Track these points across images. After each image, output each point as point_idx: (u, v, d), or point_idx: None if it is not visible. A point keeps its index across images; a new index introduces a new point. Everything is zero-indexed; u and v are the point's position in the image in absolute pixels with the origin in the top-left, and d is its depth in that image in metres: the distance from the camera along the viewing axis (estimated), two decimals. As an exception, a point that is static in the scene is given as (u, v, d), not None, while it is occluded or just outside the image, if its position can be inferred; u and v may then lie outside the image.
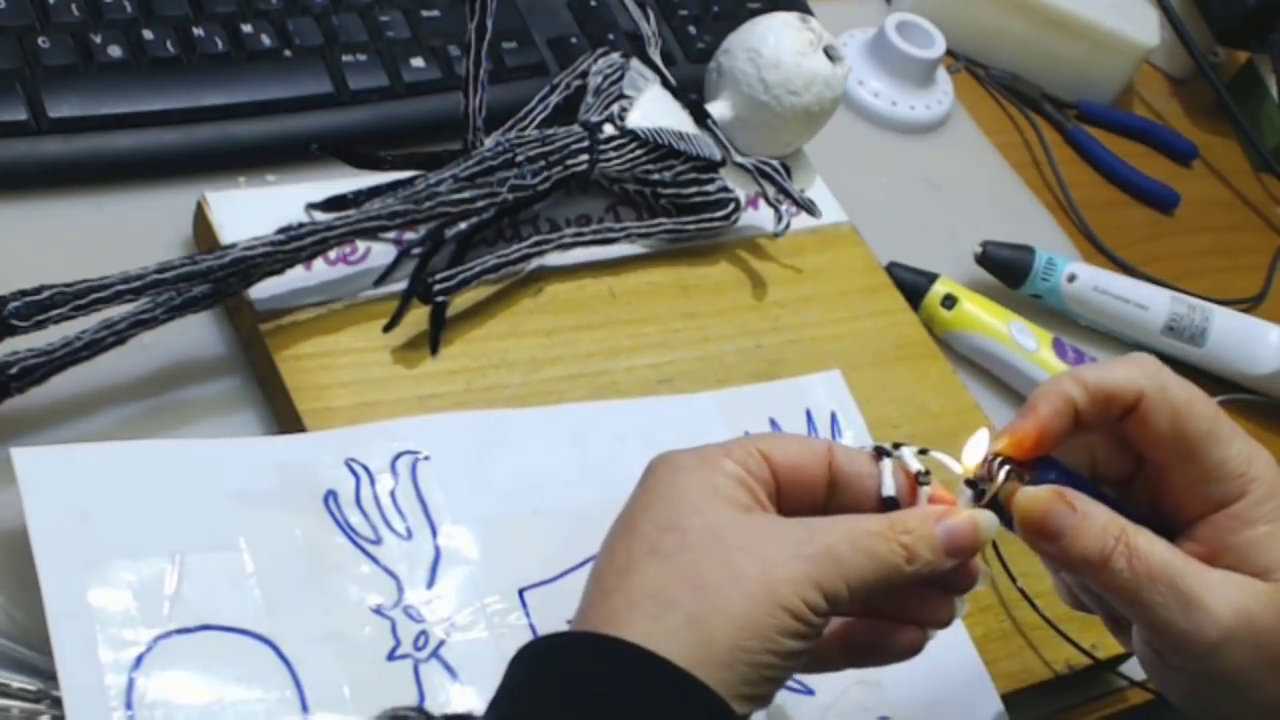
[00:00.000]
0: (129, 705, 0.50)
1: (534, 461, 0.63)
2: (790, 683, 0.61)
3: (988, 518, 0.54)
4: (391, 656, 0.56)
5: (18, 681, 0.52)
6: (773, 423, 0.70)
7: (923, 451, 0.56)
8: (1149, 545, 0.54)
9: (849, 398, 0.72)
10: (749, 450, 0.54)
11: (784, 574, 0.50)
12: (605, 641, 0.49)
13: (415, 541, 0.59)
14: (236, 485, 0.57)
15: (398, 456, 0.61)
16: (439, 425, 0.63)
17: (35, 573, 0.53)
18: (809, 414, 0.71)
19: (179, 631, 0.53)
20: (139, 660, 0.52)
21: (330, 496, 0.58)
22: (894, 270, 0.83)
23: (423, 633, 0.57)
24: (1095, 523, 0.54)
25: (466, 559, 0.59)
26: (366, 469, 0.60)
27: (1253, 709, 0.55)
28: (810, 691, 0.61)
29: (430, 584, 0.58)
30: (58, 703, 0.51)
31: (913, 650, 0.55)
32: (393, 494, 0.60)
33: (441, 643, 0.57)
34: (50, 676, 0.52)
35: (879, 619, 0.55)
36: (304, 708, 0.53)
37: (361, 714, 0.54)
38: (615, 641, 0.49)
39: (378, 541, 0.58)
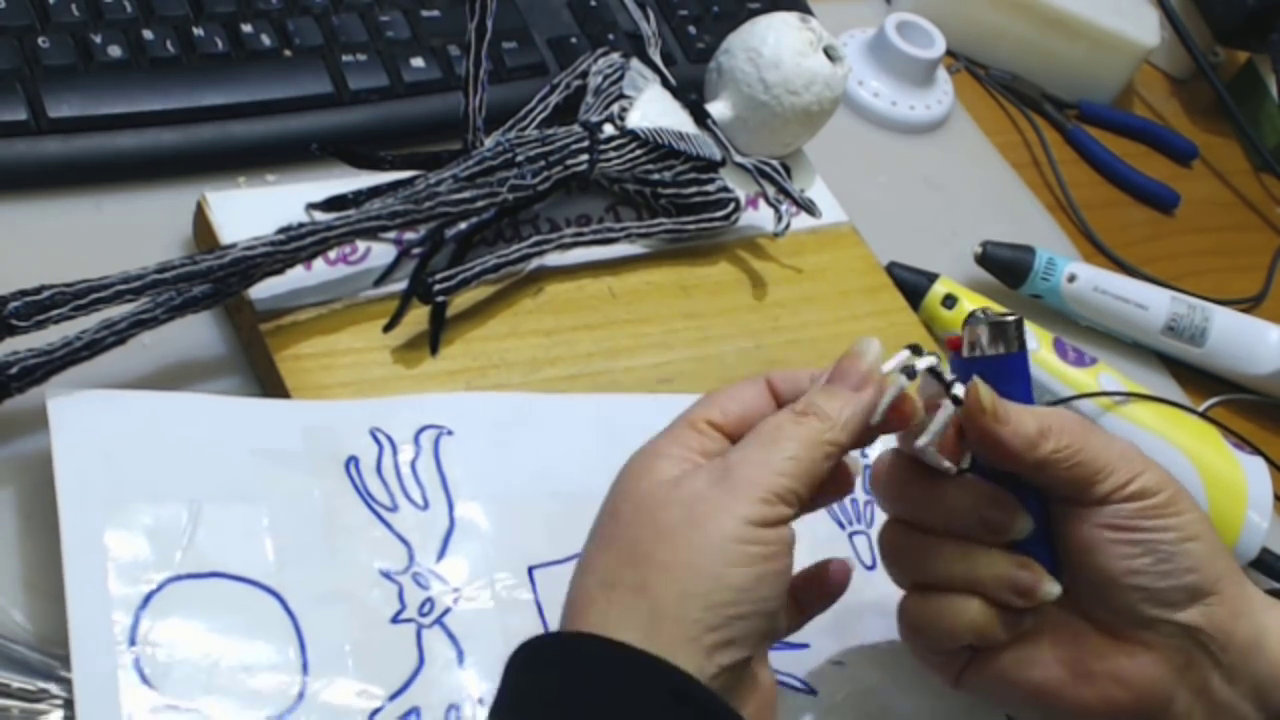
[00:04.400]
0: (133, 642, 0.51)
1: (556, 446, 0.64)
2: (793, 682, 0.61)
3: (868, 340, 0.55)
4: (395, 619, 0.56)
5: (18, 681, 0.52)
6: None
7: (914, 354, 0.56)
8: (1068, 416, 0.57)
9: None
10: (688, 422, 0.55)
11: (706, 508, 0.50)
12: (548, 639, 0.51)
13: (431, 512, 0.59)
14: (261, 443, 0.58)
15: (422, 429, 0.61)
16: (466, 402, 0.63)
17: (36, 573, 0.54)
18: None
19: (189, 576, 0.53)
20: (147, 599, 0.52)
21: (352, 462, 0.59)
22: (894, 270, 0.83)
23: (429, 599, 0.57)
24: (1022, 409, 0.56)
25: (480, 534, 0.59)
26: (390, 439, 0.60)
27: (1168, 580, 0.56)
28: (813, 691, 0.61)
29: (441, 555, 0.58)
30: (67, 704, 0.51)
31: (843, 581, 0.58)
32: (413, 465, 0.60)
33: (447, 610, 0.57)
34: (50, 677, 0.52)
35: None
36: (304, 660, 0.53)
37: (361, 672, 0.54)
38: (556, 636, 0.51)
39: (394, 509, 0.59)
